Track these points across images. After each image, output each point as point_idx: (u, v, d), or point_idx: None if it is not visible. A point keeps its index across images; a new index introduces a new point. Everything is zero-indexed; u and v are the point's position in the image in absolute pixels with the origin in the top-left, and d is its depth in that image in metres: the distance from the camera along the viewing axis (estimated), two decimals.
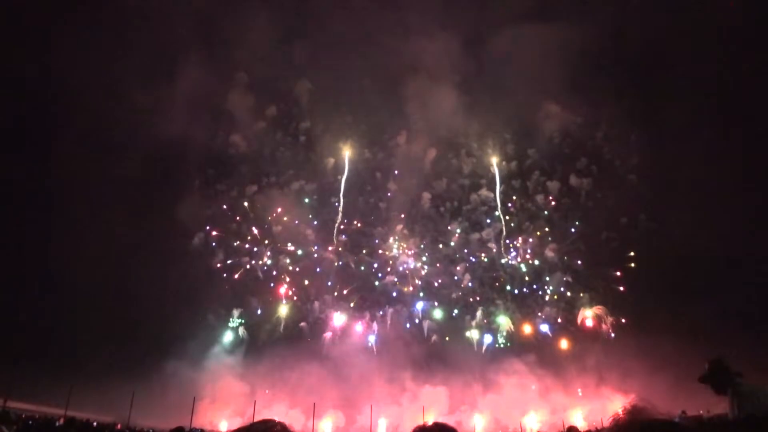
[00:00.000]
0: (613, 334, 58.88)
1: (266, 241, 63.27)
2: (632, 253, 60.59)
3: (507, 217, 65.49)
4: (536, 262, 63.41)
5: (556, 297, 61.84)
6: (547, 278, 62.53)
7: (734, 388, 6.04)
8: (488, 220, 65.53)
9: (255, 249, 63.03)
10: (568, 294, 61.65)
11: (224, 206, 63.58)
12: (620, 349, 54.54)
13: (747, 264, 51.79)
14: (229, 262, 62.02)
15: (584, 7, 60.53)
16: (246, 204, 63.97)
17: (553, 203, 65.30)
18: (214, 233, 62.46)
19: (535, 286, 62.79)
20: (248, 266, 62.31)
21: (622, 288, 60.03)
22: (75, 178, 55.32)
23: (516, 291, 62.58)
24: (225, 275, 61.25)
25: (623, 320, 58.83)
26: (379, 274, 63.57)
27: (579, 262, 62.34)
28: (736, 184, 54.12)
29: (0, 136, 52.84)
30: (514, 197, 66.26)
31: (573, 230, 63.81)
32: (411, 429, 2.53)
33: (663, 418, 1.99)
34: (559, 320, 60.75)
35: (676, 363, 40.54)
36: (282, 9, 63.33)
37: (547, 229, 64.55)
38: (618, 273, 60.45)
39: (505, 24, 61.59)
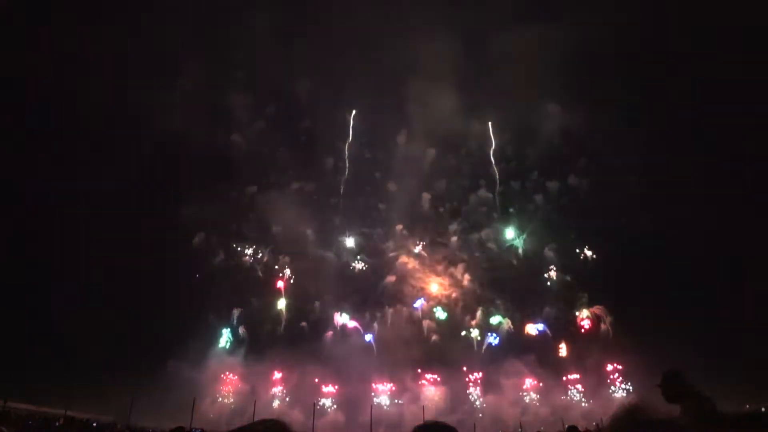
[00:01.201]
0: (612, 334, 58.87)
1: (266, 241, 63.41)
2: (632, 253, 60.52)
3: (506, 217, 65.60)
4: (535, 262, 63.44)
5: (555, 297, 61.80)
6: (547, 278, 62.48)
7: (688, 400, 6.44)
8: (487, 221, 65.70)
9: (255, 249, 63.06)
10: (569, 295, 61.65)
11: (224, 206, 63.61)
12: (620, 348, 54.59)
13: (747, 264, 51.78)
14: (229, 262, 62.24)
15: (584, 8, 60.57)
16: (246, 204, 64.09)
17: (552, 203, 65.31)
18: (213, 233, 62.53)
19: (534, 286, 62.74)
20: (248, 266, 62.37)
21: (621, 287, 59.97)
22: (75, 179, 55.39)
23: (515, 291, 62.55)
24: (225, 275, 61.35)
25: (622, 320, 58.77)
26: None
27: (577, 261, 62.40)
28: (736, 184, 54.18)
29: (0, 136, 52.83)
30: (514, 197, 66.38)
31: (572, 230, 63.75)
32: (411, 428, 2.54)
33: (663, 418, 2.01)
34: (559, 320, 60.74)
35: (676, 362, 40.45)
36: (282, 9, 63.39)
37: (546, 230, 64.53)
38: (618, 272, 60.40)
39: (505, 24, 61.66)
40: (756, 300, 48.57)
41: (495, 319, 60.35)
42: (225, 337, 58.90)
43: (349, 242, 64.29)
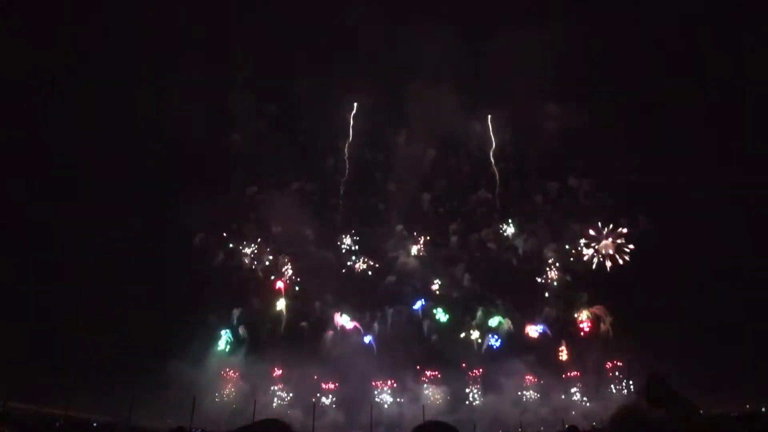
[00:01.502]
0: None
1: (266, 241, 63.34)
2: (632, 253, 60.56)
3: (506, 218, 65.58)
4: (535, 262, 63.39)
5: (555, 297, 61.77)
6: (546, 278, 62.41)
7: (671, 403, 6.57)
8: (487, 221, 65.69)
9: (255, 249, 63.04)
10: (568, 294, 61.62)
11: (224, 206, 63.55)
12: (620, 348, 54.62)
13: (747, 263, 51.79)
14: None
15: (585, 7, 60.55)
16: (246, 204, 64.06)
17: (552, 203, 65.24)
18: (213, 233, 62.49)
19: (534, 286, 62.71)
20: (249, 267, 62.35)
21: (621, 287, 59.99)
22: (75, 179, 55.38)
23: (515, 291, 62.55)
24: (225, 275, 61.32)
25: (622, 320, 58.77)
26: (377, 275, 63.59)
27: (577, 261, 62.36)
28: (736, 184, 54.14)
29: (0, 136, 52.83)
30: (514, 197, 66.36)
31: (572, 230, 63.64)
32: (411, 428, 2.55)
33: (661, 418, 2.01)
34: (559, 320, 60.75)
35: (676, 362, 40.63)
36: (282, 9, 63.31)
37: (546, 229, 64.48)
38: (618, 273, 60.42)
39: (505, 24, 61.49)
40: (757, 299, 48.63)
41: (494, 321, 60.34)
42: (225, 338, 58.93)
43: (349, 242, 64.33)
